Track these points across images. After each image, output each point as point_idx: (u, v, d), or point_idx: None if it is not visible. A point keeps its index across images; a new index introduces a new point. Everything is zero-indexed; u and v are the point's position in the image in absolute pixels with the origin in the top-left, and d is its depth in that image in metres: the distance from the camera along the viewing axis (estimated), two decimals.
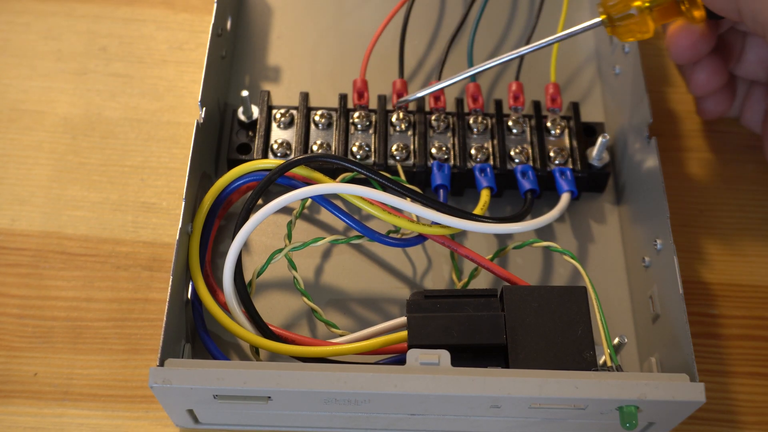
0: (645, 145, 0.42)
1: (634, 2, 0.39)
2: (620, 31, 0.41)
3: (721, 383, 0.41)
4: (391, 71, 0.48)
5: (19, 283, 0.42)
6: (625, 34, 0.41)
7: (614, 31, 0.41)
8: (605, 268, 0.44)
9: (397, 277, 0.43)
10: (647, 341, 0.40)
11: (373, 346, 0.37)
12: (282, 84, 0.49)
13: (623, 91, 0.46)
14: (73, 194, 0.45)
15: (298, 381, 0.33)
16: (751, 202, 0.47)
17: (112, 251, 0.43)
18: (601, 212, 0.45)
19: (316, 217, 0.44)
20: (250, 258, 0.43)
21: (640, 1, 0.39)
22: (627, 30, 0.40)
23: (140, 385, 0.40)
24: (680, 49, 0.41)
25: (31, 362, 0.40)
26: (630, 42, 0.45)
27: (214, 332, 0.40)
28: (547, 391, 0.33)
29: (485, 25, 0.51)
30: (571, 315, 0.36)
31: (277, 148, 0.44)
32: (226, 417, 0.37)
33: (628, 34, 0.41)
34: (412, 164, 0.44)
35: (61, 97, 0.48)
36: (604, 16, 0.41)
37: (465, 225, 0.39)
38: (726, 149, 0.48)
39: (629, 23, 0.40)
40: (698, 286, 0.44)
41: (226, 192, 0.40)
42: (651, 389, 0.33)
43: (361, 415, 0.36)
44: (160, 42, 0.51)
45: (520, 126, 0.45)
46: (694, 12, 0.39)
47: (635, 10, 0.39)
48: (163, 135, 0.47)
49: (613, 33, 0.41)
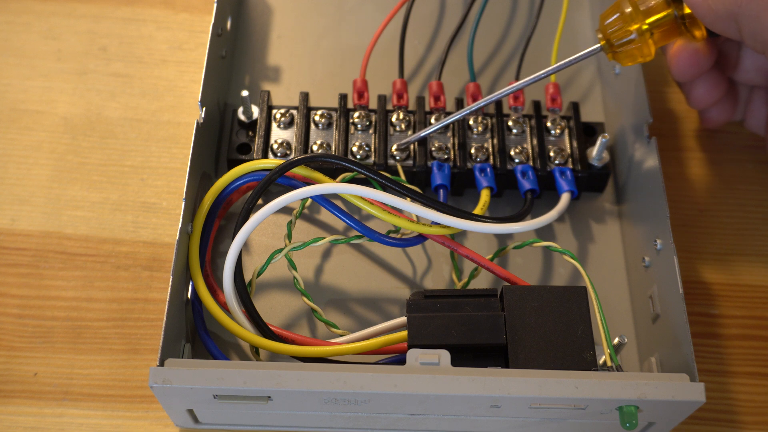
0: (645, 145, 0.42)
1: (633, 26, 0.39)
2: (621, 56, 0.40)
3: (721, 383, 0.41)
4: (391, 71, 0.48)
5: (19, 283, 0.42)
6: (625, 58, 0.40)
7: (615, 57, 0.40)
8: (605, 268, 0.44)
9: (397, 277, 0.43)
10: (647, 341, 0.40)
11: (373, 346, 0.37)
12: (282, 84, 0.49)
13: (623, 91, 0.46)
14: (73, 194, 0.45)
15: (298, 381, 0.33)
16: (751, 202, 0.47)
17: (112, 251, 0.43)
18: (601, 212, 0.45)
19: (316, 217, 0.44)
20: (250, 258, 0.43)
21: (639, 24, 0.39)
22: (628, 55, 0.39)
23: (140, 385, 0.40)
24: (683, 69, 0.40)
25: (31, 362, 0.40)
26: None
27: (214, 332, 0.40)
28: (547, 391, 0.33)
29: (485, 25, 0.51)
30: (571, 315, 0.36)
31: (277, 148, 0.44)
32: (226, 417, 0.37)
33: (629, 59, 0.40)
34: (412, 164, 0.44)
35: (61, 97, 0.48)
36: (604, 42, 0.40)
37: (465, 225, 0.39)
38: (726, 149, 0.48)
39: (630, 48, 0.39)
40: (698, 286, 0.44)
41: (226, 192, 0.40)
42: (651, 389, 0.33)
43: (361, 415, 0.36)
44: (160, 42, 0.51)
45: (520, 126, 0.45)
46: (695, 32, 0.39)
47: (635, 35, 0.39)
48: (163, 135, 0.47)
49: (614, 58, 0.40)
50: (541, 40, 0.50)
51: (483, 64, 0.50)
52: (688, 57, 0.40)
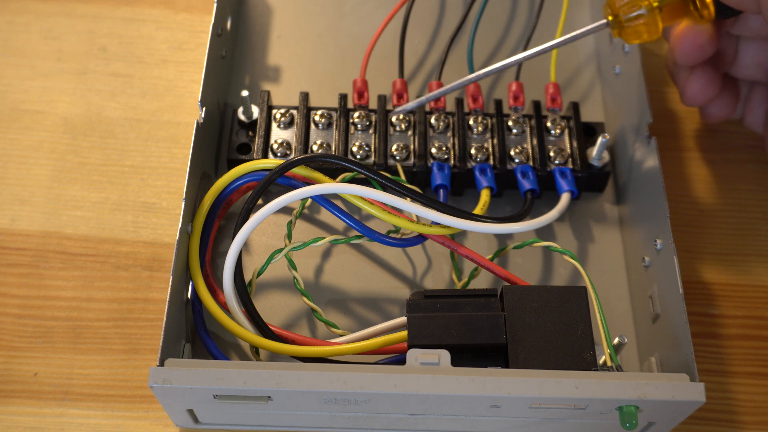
0: (645, 145, 0.42)
1: (644, 2, 0.38)
2: (628, 32, 0.39)
3: (721, 383, 0.41)
4: (391, 71, 0.48)
5: (19, 283, 0.42)
6: (632, 35, 0.39)
7: (621, 33, 0.39)
8: (605, 268, 0.44)
9: (397, 277, 0.43)
10: (647, 341, 0.40)
11: (373, 346, 0.37)
12: (282, 84, 0.49)
13: (623, 91, 0.46)
14: (73, 194, 0.45)
15: (298, 381, 0.33)
16: (751, 202, 0.47)
17: (112, 251, 0.43)
18: (601, 212, 0.45)
19: (316, 217, 0.44)
20: (250, 258, 0.43)
21: (649, 0, 0.38)
22: (635, 31, 0.39)
23: (140, 385, 0.40)
24: (687, 50, 0.40)
25: (31, 362, 0.40)
26: (633, 44, 0.44)
27: (214, 332, 0.40)
28: (547, 391, 0.33)
29: (485, 25, 0.51)
30: (571, 315, 0.36)
31: (277, 148, 0.44)
32: (226, 417, 0.37)
33: (635, 36, 0.39)
34: (412, 164, 0.44)
35: (61, 97, 0.48)
36: (611, 17, 0.39)
37: (465, 225, 0.39)
38: (726, 149, 0.48)
39: (638, 24, 0.39)
40: (698, 286, 0.44)
41: (226, 192, 0.40)
42: (651, 389, 0.33)
43: (361, 415, 0.36)
44: (160, 42, 0.51)
45: (520, 126, 0.45)
46: (703, 11, 0.38)
47: (645, 10, 0.38)
48: (163, 135, 0.47)
49: (620, 35, 0.40)
50: (541, 40, 0.49)
51: (483, 64, 0.50)
52: (694, 39, 0.39)
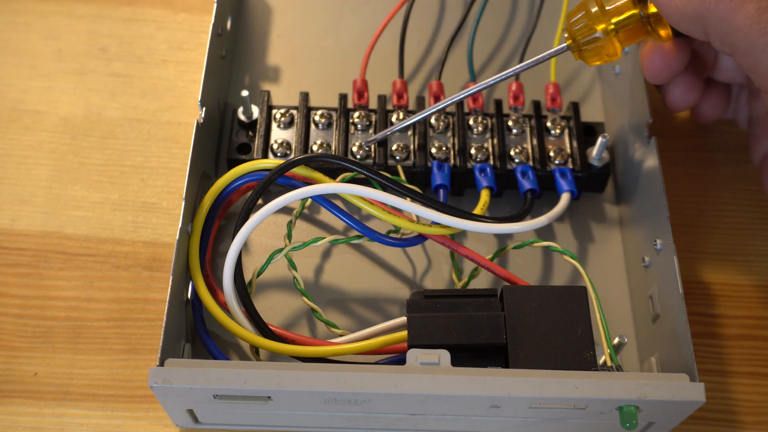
0: (645, 145, 0.42)
1: (599, 26, 0.38)
2: (587, 55, 0.39)
3: (721, 383, 0.41)
4: (391, 71, 0.48)
5: (19, 283, 0.42)
6: (591, 57, 0.39)
7: (581, 56, 0.40)
8: (605, 268, 0.44)
9: (397, 277, 0.43)
10: (647, 341, 0.40)
11: (373, 346, 0.37)
12: (282, 84, 0.49)
13: (623, 91, 0.46)
14: (73, 194, 0.45)
15: (298, 381, 0.33)
16: (751, 202, 0.47)
17: (112, 251, 0.43)
18: (601, 212, 0.45)
19: (316, 217, 0.44)
20: (250, 258, 0.43)
21: (605, 24, 0.38)
22: (594, 54, 0.39)
23: (140, 385, 0.40)
24: (655, 71, 0.40)
25: (31, 362, 0.40)
26: (629, 46, 0.44)
27: (214, 332, 0.40)
28: (547, 391, 0.33)
29: (485, 25, 0.51)
30: (571, 315, 0.36)
31: (277, 148, 0.44)
32: (226, 417, 0.37)
33: (595, 58, 0.39)
34: (412, 164, 0.44)
35: (61, 97, 0.48)
36: (570, 41, 0.39)
37: (465, 225, 0.39)
38: (726, 149, 0.48)
39: (595, 47, 0.39)
40: (698, 286, 0.44)
41: (226, 192, 0.40)
42: (651, 389, 0.33)
43: (361, 415, 0.36)
44: (160, 42, 0.51)
45: (520, 126, 0.45)
46: (660, 31, 0.39)
47: (601, 34, 0.38)
48: (163, 135, 0.47)
49: (581, 57, 0.40)
50: (541, 40, 0.50)
51: (483, 64, 0.50)
52: (659, 59, 0.40)
